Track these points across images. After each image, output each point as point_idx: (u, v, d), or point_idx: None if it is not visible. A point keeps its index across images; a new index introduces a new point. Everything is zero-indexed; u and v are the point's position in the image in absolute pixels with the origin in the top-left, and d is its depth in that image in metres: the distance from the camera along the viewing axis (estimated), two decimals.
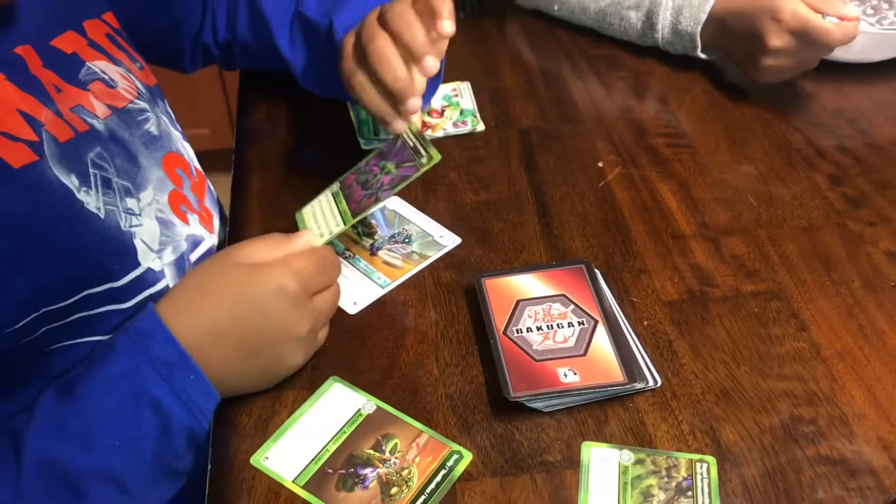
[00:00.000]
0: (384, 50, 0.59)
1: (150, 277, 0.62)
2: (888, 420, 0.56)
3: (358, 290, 0.65)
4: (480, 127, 0.81)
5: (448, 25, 0.57)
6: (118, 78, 0.65)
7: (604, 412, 0.56)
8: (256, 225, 0.71)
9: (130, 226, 0.60)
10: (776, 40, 0.79)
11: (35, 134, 0.55)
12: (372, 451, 0.54)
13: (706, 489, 0.52)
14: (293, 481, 0.53)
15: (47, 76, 0.59)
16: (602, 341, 0.59)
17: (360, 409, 0.57)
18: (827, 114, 0.83)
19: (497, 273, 0.64)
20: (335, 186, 0.68)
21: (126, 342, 0.52)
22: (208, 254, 0.69)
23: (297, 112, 0.84)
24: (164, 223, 0.64)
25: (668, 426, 0.56)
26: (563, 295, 0.62)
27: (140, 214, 0.62)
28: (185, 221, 0.67)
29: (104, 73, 0.64)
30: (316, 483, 0.53)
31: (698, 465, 0.53)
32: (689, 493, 0.52)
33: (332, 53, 0.71)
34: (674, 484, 0.52)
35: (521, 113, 0.84)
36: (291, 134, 0.81)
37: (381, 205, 0.65)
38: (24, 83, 0.56)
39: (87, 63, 0.63)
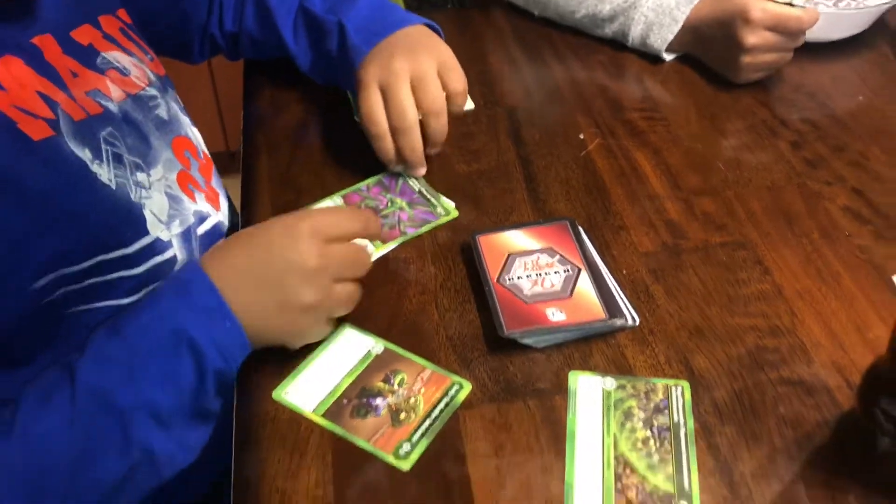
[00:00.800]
0: (411, 124, 0.73)
1: (158, 246, 0.67)
2: (842, 347, 0.62)
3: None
4: (470, 105, 0.87)
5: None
6: (131, 67, 0.71)
7: (588, 347, 0.63)
8: (266, 199, 0.77)
9: (140, 198, 0.66)
10: (752, 38, 0.85)
11: (52, 112, 0.60)
12: (382, 384, 0.61)
13: (680, 408, 0.59)
14: (312, 411, 0.59)
15: (65, 63, 0.64)
16: (585, 285, 0.65)
17: (370, 350, 0.63)
18: (789, 88, 0.90)
19: (490, 230, 0.71)
20: (337, 199, 0.75)
21: (170, 289, 0.57)
22: (215, 228, 0.74)
23: (299, 96, 0.90)
24: (172, 198, 0.69)
25: (646, 357, 0.62)
26: (550, 248, 0.69)
27: (150, 188, 0.67)
28: (193, 199, 0.72)
29: (118, 62, 0.70)
30: (333, 412, 0.59)
31: (673, 388, 0.60)
32: (666, 412, 0.58)
33: (342, 52, 0.79)
34: (651, 405, 0.59)
35: (507, 93, 0.91)
36: (295, 116, 0.88)
37: (403, 239, 0.72)
38: (40, 69, 0.62)
39: (101, 53, 0.69)
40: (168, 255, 0.68)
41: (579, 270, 0.66)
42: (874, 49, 0.96)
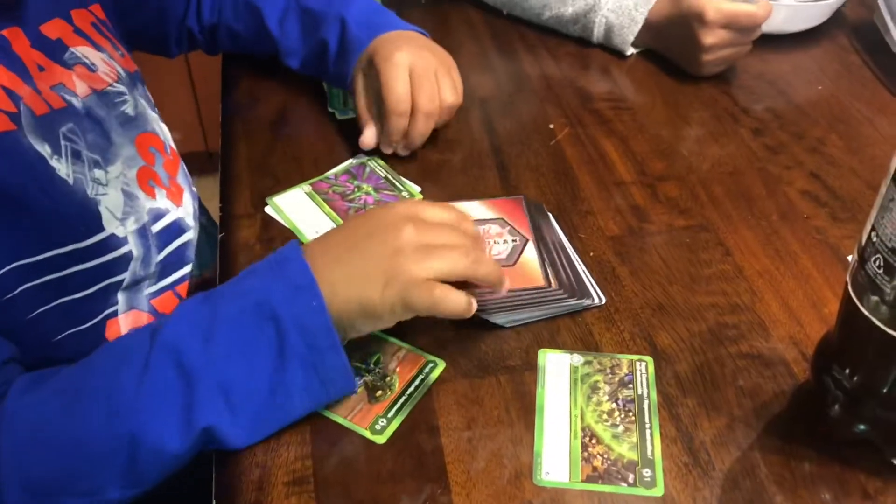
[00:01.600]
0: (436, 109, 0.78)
1: (113, 242, 0.67)
2: (798, 323, 0.65)
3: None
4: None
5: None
6: (100, 63, 0.72)
7: (556, 326, 0.65)
8: (245, 185, 0.79)
9: (97, 194, 0.66)
10: (709, 38, 0.88)
11: (14, 106, 0.61)
12: (359, 364, 0.63)
13: (644, 382, 0.61)
14: None
15: (33, 56, 0.65)
16: (531, 255, 0.68)
17: None
18: (750, 78, 0.94)
19: (451, 202, 0.73)
20: (306, 187, 0.77)
21: (265, 264, 0.57)
22: (173, 224, 0.75)
23: (276, 87, 0.92)
24: (128, 195, 0.70)
25: (612, 335, 0.65)
26: (502, 218, 0.71)
27: (107, 185, 0.68)
28: (152, 195, 0.73)
29: (86, 57, 0.71)
30: None
31: (638, 363, 0.63)
32: (630, 386, 0.61)
33: (343, 43, 0.82)
34: (617, 379, 0.62)
35: (479, 84, 0.93)
36: (271, 106, 0.89)
37: None
38: (7, 61, 0.63)
39: (70, 48, 0.70)
40: (124, 250, 0.68)
41: (526, 241, 0.69)
42: (833, 40, 0.99)
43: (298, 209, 0.75)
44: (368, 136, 0.79)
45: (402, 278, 0.56)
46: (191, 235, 0.77)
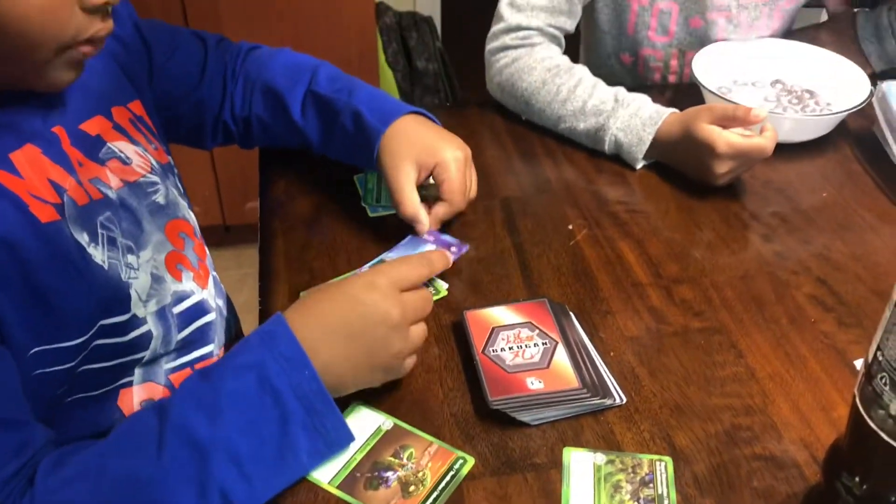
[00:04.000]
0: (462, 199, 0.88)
1: (135, 322, 0.72)
2: (809, 426, 0.69)
3: None
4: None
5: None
6: (134, 156, 0.78)
7: (580, 424, 0.69)
8: (283, 280, 0.84)
9: (129, 278, 0.72)
10: (721, 168, 0.93)
11: (59, 197, 0.67)
12: (392, 458, 0.66)
13: (664, 482, 0.65)
14: (328, 483, 0.64)
15: (73, 153, 0.71)
16: (561, 358, 0.72)
17: (380, 426, 0.69)
18: (759, 184, 0.99)
19: (477, 308, 0.78)
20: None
21: (256, 339, 0.64)
22: (197, 306, 0.79)
23: (310, 186, 0.97)
24: (156, 278, 0.75)
25: (633, 434, 0.68)
26: (530, 322, 0.75)
27: (138, 269, 0.73)
28: (178, 279, 0.78)
29: (122, 151, 0.77)
30: (347, 484, 0.64)
31: (658, 463, 0.66)
32: (651, 485, 0.64)
33: (359, 129, 0.89)
34: (638, 478, 0.65)
35: (501, 185, 0.99)
36: (306, 204, 0.95)
37: None
38: (55, 157, 0.69)
39: (107, 143, 0.76)
40: (143, 329, 0.73)
41: (556, 344, 0.73)
42: (836, 150, 1.05)
43: None
44: (424, 225, 0.85)
45: (393, 369, 0.69)
46: (213, 316, 0.82)
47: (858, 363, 0.74)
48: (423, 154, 0.86)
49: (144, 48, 0.88)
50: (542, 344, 0.73)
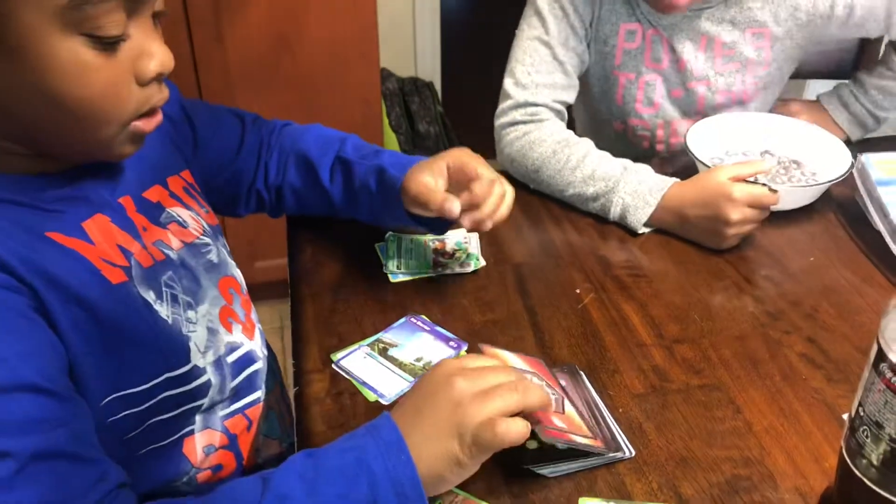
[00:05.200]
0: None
1: (196, 372, 0.79)
2: (802, 475, 0.75)
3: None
4: (482, 263, 1.02)
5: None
6: (189, 220, 0.86)
7: (594, 476, 0.75)
8: (314, 342, 0.90)
9: (188, 331, 0.79)
10: (736, 214, 1.02)
11: (126, 261, 0.75)
12: None
13: None
14: None
15: (139, 219, 0.79)
16: (570, 410, 0.77)
17: None
18: (751, 249, 1.07)
19: (492, 345, 0.82)
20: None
21: (363, 429, 0.68)
22: (246, 355, 0.86)
23: (335, 253, 1.05)
24: (211, 331, 0.82)
25: (642, 484, 0.74)
26: (536, 373, 0.80)
27: (196, 323, 0.80)
28: (230, 331, 0.85)
29: (179, 216, 0.85)
30: None
31: None
32: None
33: (382, 183, 0.96)
34: None
35: (513, 251, 1.06)
36: (332, 270, 1.02)
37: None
38: (122, 224, 0.76)
39: (166, 209, 0.84)
40: (203, 379, 0.80)
41: (563, 398, 0.79)
42: (822, 216, 1.13)
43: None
44: (456, 207, 0.88)
45: (470, 425, 0.66)
46: (260, 365, 0.89)
47: (846, 416, 0.81)
48: (432, 164, 0.92)
49: (189, 124, 0.96)
50: (552, 394, 0.78)
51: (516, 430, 0.66)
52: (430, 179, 0.91)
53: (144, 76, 0.68)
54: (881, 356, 0.57)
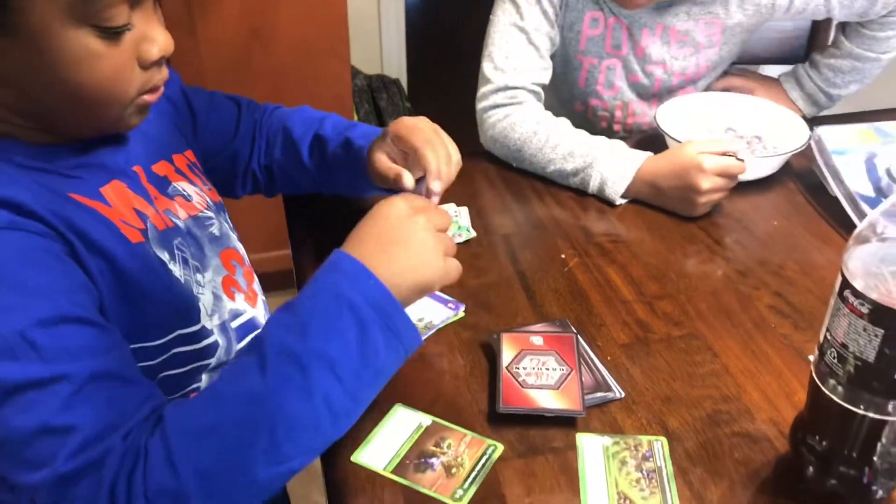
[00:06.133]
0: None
1: (204, 332, 0.85)
2: (776, 409, 0.83)
3: None
4: (473, 234, 1.09)
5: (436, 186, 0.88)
6: (193, 194, 0.92)
7: (589, 415, 0.82)
8: None
9: (198, 293, 0.85)
10: (707, 184, 1.10)
11: (143, 223, 0.80)
12: (434, 448, 0.79)
13: (661, 456, 0.78)
14: (384, 469, 0.77)
15: (150, 188, 0.85)
16: (572, 384, 0.84)
17: (420, 423, 0.81)
18: (720, 216, 1.15)
19: (513, 330, 0.90)
20: None
21: (322, 271, 0.73)
22: (249, 322, 0.91)
23: (330, 224, 1.10)
24: (216, 297, 0.88)
25: (632, 421, 0.82)
26: (556, 352, 0.88)
27: (203, 287, 0.86)
28: (233, 299, 0.90)
29: (184, 190, 0.91)
30: (400, 469, 0.76)
31: (655, 442, 0.79)
32: (651, 460, 0.78)
33: (346, 153, 1.02)
34: (640, 455, 0.78)
35: (501, 223, 1.13)
36: (329, 239, 1.04)
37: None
38: (137, 190, 0.82)
39: (172, 183, 0.90)
40: (210, 340, 0.85)
41: (571, 372, 0.86)
42: (782, 185, 1.22)
43: None
44: (407, 180, 0.91)
45: (440, 269, 0.77)
46: None
47: (812, 357, 0.89)
48: (385, 134, 0.96)
49: (189, 108, 1.02)
50: (560, 370, 0.85)
51: (457, 271, 0.79)
52: (381, 155, 0.96)
53: (147, 60, 0.75)
54: (845, 284, 0.65)
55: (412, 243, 0.75)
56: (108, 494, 0.64)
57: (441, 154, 0.89)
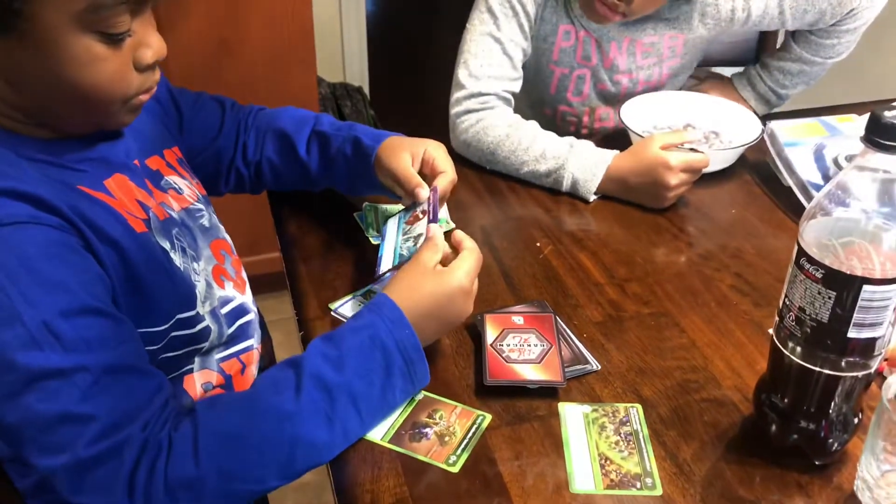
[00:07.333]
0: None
1: (198, 318, 0.89)
2: (740, 377, 0.90)
3: None
4: (452, 225, 1.15)
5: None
6: (184, 188, 0.96)
7: (569, 386, 0.88)
8: (312, 295, 1.01)
9: (195, 280, 0.90)
10: (674, 180, 1.17)
11: (145, 213, 0.85)
12: (427, 419, 0.84)
13: (637, 421, 0.84)
14: (381, 439, 0.82)
15: (146, 182, 0.89)
16: (553, 358, 0.90)
17: (413, 397, 0.87)
18: (682, 206, 1.22)
19: (495, 311, 0.96)
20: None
21: (366, 310, 0.82)
22: (238, 307, 0.96)
23: (319, 223, 1.16)
24: (208, 285, 0.92)
25: (609, 390, 0.88)
26: (535, 329, 0.94)
27: (199, 275, 0.91)
28: (222, 287, 0.95)
29: (176, 183, 0.95)
30: (397, 439, 0.82)
31: (631, 409, 0.86)
32: (628, 424, 0.84)
33: (355, 152, 1.08)
34: (617, 420, 0.85)
35: (478, 215, 1.19)
36: (318, 237, 1.13)
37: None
38: (138, 183, 0.87)
39: (164, 177, 0.94)
40: (203, 325, 0.90)
41: (550, 347, 0.92)
42: (739, 176, 1.30)
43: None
44: (424, 195, 1.00)
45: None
46: (252, 316, 0.99)
47: (772, 330, 0.96)
48: (412, 146, 1.05)
49: (175, 107, 1.06)
50: (540, 346, 0.91)
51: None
52: (408, 162, 1.03)
53: (143, 63, 0.79)
54: (801, 253, 0.72)
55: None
56: (127, 481, 0.68)
57: (451, 179, 1.03)
